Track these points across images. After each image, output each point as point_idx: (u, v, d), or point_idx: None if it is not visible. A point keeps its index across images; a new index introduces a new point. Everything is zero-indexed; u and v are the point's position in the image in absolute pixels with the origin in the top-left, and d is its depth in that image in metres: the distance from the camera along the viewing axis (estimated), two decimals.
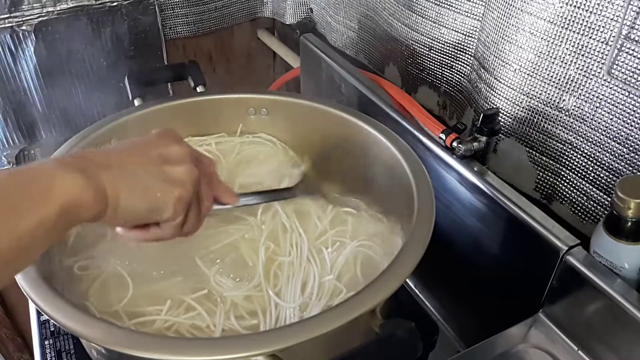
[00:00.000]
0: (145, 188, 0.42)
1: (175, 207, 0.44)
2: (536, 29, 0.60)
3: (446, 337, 0.74)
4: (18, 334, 1.31)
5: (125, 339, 0.43)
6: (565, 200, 0.64)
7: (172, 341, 0.44)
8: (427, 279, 0.79)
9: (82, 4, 0.99)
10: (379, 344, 0.45)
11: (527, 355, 0.56)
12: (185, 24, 1.13)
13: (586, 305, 0.54)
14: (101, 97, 1.06)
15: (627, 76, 0.54)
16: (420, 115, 0.74)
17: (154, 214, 0.44)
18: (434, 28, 0.79)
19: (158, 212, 0.44)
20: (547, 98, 0.63)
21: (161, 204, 0.43)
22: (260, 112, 0.76)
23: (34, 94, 1.02)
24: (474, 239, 0.67)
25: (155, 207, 0.43)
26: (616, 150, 0.57)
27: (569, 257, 0.55)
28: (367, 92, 0.82)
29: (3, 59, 0.97)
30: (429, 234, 0.51)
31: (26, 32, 0.96)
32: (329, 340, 0.45)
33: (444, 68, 0.81)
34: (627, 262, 0.52)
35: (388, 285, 0.47)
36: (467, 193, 0.66)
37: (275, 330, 0.45)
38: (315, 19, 1.12)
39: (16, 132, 1.03)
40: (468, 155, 0.66)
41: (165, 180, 0.44)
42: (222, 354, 0.41)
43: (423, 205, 0.55)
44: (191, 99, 0.75)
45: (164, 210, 0.44)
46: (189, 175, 0.45)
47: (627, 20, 0.52)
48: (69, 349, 0.64)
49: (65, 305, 0.45)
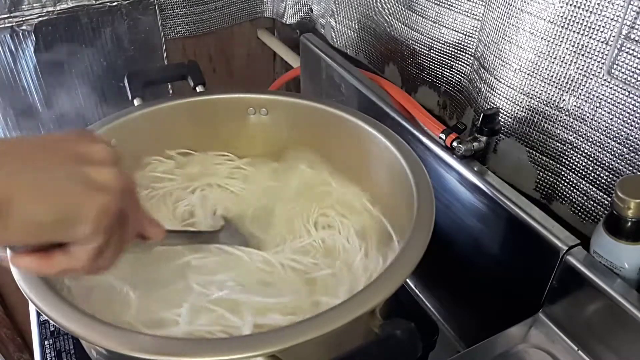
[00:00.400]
0: (54, 190, 0.32)
1: (96, 219, 0.33)
2: (536, 28, 0.60)
3: (446, 337, 0.74)
4: (18, 334, 1.31)
5: (124, 340, 0.42)
6: (565, 200, 0.64)
7: (171, 342, 0.44)
8: (427, 279, 0.79)
9: (82, 4, 0.99)
10: (378, 344, 0.45)
11: (527, 355, 0.56)
12: (185, 24, 1.13)
13: (586, 305, 0.54)
14: (101, 97, 1.06)
15: (627, 76, 0.54)
16: (420, 115, 0.74)
17: (63, 227, 0.32)
18: (434, 28, 0.79)
19: (70, 224, 0.33)
20: (547, 98, 0.63)
21: (75, 213, 0.32)
22: (260, 112, 0.76)
23: (34, 94, 1.02)
24: (474, 239, 0.67)
25: (66, 217, 0.32)
26: (616, 150, 0.57)
27: (569, 257, 0.54)
28: (367, 92, 0.82)
29: (3, 59, 0.96)
30: (429, 234, 0.51)
31: (26, 32, 0.96)
32: (329, 341, 0.45)
33: (444, 68, 0.80)
34: (627, 262, 0.52)
35: (388, 285, 0.46)
36: (467, 193, 0.66)
37: (275, 330, 0.45)
38: (315, 19, 1.12)
39: (16, 132, 1.03)
40: (468, 155, 0.66)
41: (80, 183, 0.33)
42: (222, 354, 0.41)
43: (423, 205, 0.55)
44: (191, 99, 0.75)
45: (79, 222, 0.33)
46: (115, 180, 0.34)
47: (627, 20, 0.52)
48: (69, 349, 0.64)
49: (65, 306, 0.45)
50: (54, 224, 0.32)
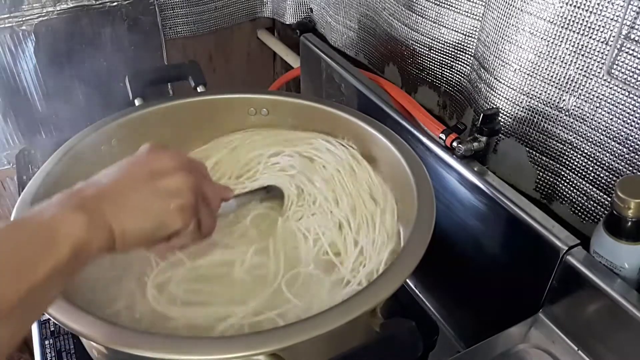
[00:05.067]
0: (144, 209, 0.42)
1: (181, 217, 0.44)
2: (536, 29, 0.60)
3: (446, 337, 0.74)
4: None
5: (126, 338, 0.43)
6: (565, 200, 0.64)
7: (173, 340, 0.44)
8: (427, 279, 0.79)
9: (82, 4, 0.99)
10: (379, 344, 0.45)
11: (527, 355, 0.56)
12: (185, 24, 1.13)
13: (586, 305, 0.54)
14: (101, 97, 1.06)
15: (627, 76, 0.54)
16: (420, 115, 0.74)
17: (162, 230, 0.44)
18: (434, 28, 0.79)
19: (166, 227, 0.44)
20: (547, 98, 0.63)
21: (165, 219, 0.43)
22: (260, 112, 0.76)
23: (34, 94, 1.02)
24: (474, 239, 0.67)
25: (161, 224, 0.43)
26: (616, 150, 0.57)
27: (569, 257, 0.55)
28: (367, 92, 0.82)
29: (3, 59, 0.97)
30: (429, 234, 0.51)
31: (26, 32, 0.96)
32: (330, 340, 0.45)
33: (444, 68, 0.81)
34: (627, 262, 0.52)
35: (388, 285, 0.47)
36: (467, 193, 0.66)
37: (276, 329, 0.45)
38: (315, 19, 1.12)
39: (16, 132, 1.03)
40: (468, 155, 0.66)
41: (161, 195, 0.43)
42: (223, 353, 0.41)
43: (423, 205, 0.55)
44: (191, 99, 0.75)
45: (171, 223, 0.44)
46: (184, 183, 0.45)
47: (627, 20, 0.52)
48: (69, 348, 0.64)
49: (66, 304, 0.45)
50: (155, 231, 0.43)
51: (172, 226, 0.44)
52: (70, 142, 0.65)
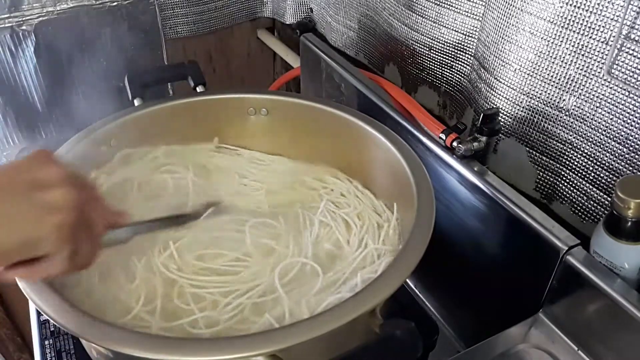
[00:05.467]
0: (11, 218, 0.36)
1: (55, 236, 0.38)
2: (536, 28, 0.60)
3: (446, 337, 0.74)
4: (18, 334, 1.30)
5: (125, 339, 0.43)
6: (565, 200, 0.64)
7: (171, 341, 0.44)
8: (427, 279, 0.79)
9: (82, 4, 0.99)
10: (379, 344, 0.45)
11: (527, 355, 0.56)
12: (185, 23, 1.13)
13: (586, 305, 0.54)
14: (101, 97, 1.06)
15: (627, 76, 0.54)
16: (420, 115, 0.74)
17: (29, 248, 0.37)
18: (434, 28, 0.79)
19: (34, 245, 0.37)
20: (547, 98, 0.63)
21: (35, 235, 0.37)
22: (260, 112, 0.76)
23: (34, 94, 1.02)
24: (474, 239, 0.67)
25: (29, 240, 0.37)
26: (616, 150, 0.57)
27: (569, 257, 0.55)
28: (367, 92, 0.82)
29: (3, 59, 0.96)
30: (429, 234, 0.51)
31: (26, 32, 0.96)
32: (329, 340, 0.45)
33: (444, 68, 0.81)
34: (627, 262, 0.52)
35: (388, 285, 0.46)
36: (467, 193, 0.66)
37: (275, 330, 0.45)
38: (315, 19, 1.12)
39: (16, 132, 1.03)
40: (468, 155, 0.66)
41: (36, 207, 0.37)
42: (222, 354, 0.41)
43: (423, 205, 0.55)
44: (191, 99, 0.75)
45: (41, 241, 0.37)
46: (66, 199, 0.39)
47: (627, 20, 0.52)
48: (69, 349, 0.64)
49: (65, 305, 0.45)
50: (18, 247, 0.37)
51: (42, 246, 0.38)
52: (70, 142, 0.65)
